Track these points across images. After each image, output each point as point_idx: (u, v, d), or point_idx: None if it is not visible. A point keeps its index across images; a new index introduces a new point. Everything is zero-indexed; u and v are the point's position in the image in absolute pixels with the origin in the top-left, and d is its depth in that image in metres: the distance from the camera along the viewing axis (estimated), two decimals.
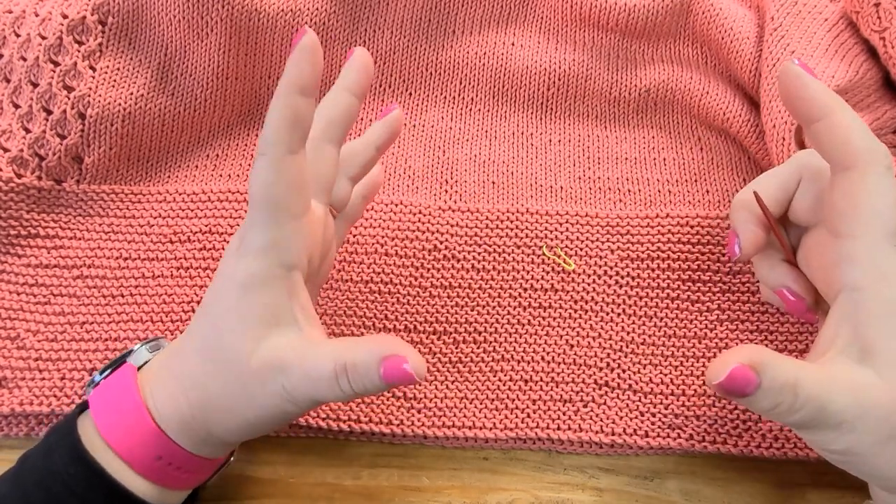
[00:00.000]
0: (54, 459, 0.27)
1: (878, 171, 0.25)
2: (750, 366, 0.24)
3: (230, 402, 0.27)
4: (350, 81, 0.30)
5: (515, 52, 0.44)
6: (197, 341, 0.28)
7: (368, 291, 0.38)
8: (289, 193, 0.26)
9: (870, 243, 0.26)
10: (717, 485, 0.35)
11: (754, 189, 0.31)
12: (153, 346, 0.31)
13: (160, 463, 0.28)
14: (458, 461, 0.36)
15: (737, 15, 0.43)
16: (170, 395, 0.28)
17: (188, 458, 0.28)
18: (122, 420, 0.27)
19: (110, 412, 0.28)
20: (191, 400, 0.27)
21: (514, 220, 0.40)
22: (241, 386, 0.26)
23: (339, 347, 0.26)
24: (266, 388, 0.26)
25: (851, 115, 0.26)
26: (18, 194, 0.38)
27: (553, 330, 0.38)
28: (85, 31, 0.41)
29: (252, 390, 0.26)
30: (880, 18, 0.38)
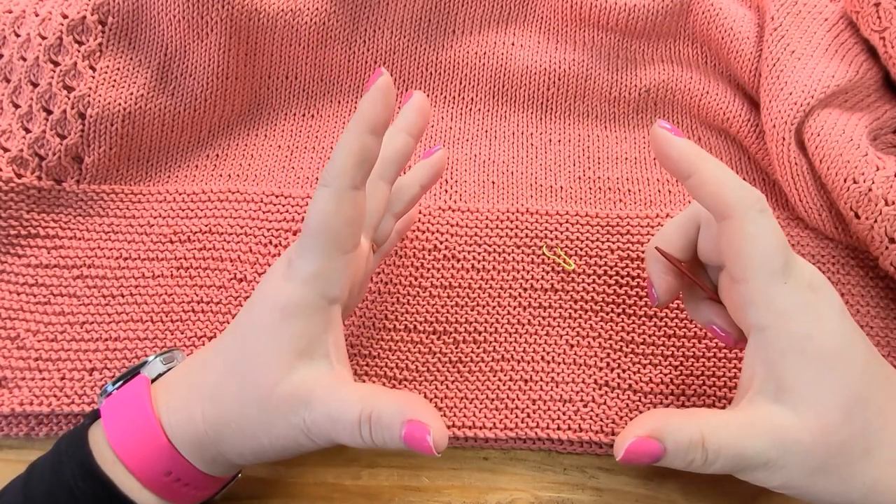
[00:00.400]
0: (64, 471, 0.27)
1: (752, 217, 0.26)
2: (650, 436, 0.26)
3: (247, 424, 0.27)
4: (408, 123, 0.31)
5: (515, 52, 0.44)
6: (225, 357, 0.28)
7: (369, 291, 0.38)
8: (345, 227, 0.27)
9: (761, 285, 0.26)
10: (717, 485, 0.35)
11: (655, 244, 0.32)
12: (167, 359, 0.31)
13: (169, 479, 0.28)
14: (458, 461, 0.36)
15: (737, 15, 0.43)
16: (185, 407, 0.28)
17: (196, 475, 0.28)
18: (134, 433, 0.27)
19: (122, 424, 0.28)
20: (206, 415, 0.27)
21: (514, 220, 0.40)
22: (261, 411, 0.26)
23: (367, 394, 0.26)
24: (287, 419, 0.26)
25: (717, 166, 0.27)
26: (18, 194, 0.38)
27: (553, 330, 0.38)
28: (85, 31, 0.41)
29: (272, 417, 0.26)
30: (880, 18, 0.38)
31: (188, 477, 0.28)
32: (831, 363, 0.25)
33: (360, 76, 0.45)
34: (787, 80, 0.38)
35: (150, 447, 0.27)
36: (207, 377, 0.28)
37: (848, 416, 0.25)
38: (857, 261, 0.39)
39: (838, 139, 0.37)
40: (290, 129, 0.44)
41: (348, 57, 0.44)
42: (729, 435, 0.26)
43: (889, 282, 0.38)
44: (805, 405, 0.26)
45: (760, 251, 0.26)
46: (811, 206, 0.39)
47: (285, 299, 0.26)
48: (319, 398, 0.26)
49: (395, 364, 0.37)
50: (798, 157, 0.38)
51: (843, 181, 0.36)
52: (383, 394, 0.26)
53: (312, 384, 0.26)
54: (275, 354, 0.26)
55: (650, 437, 0.26)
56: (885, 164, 0.36)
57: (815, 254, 0.39)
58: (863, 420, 0.25)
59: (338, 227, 0.26)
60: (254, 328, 0.27)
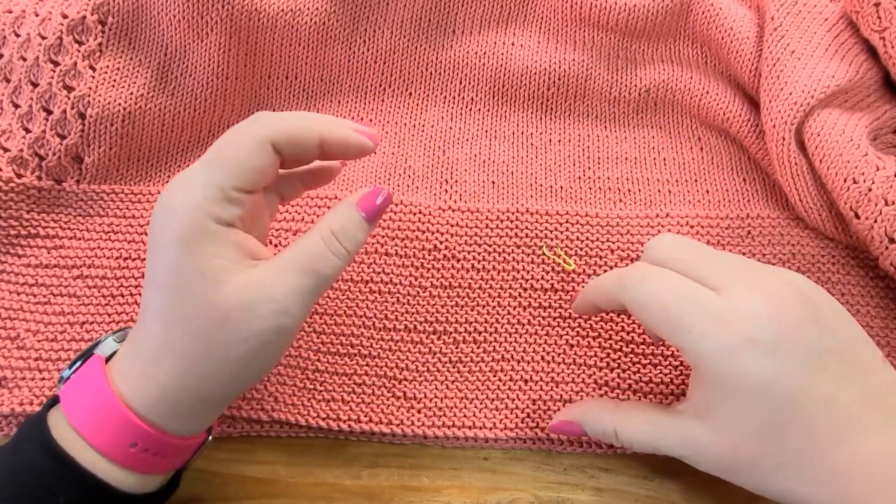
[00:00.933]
0: (25, 454, 0.27)
1: (632, 296, 0.30)
2: (572, 420, 0.33)
3: (211, 349, 0.26)
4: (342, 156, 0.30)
5: (515, 52, 0.44)
6: (152, 310, 0.27)
7: (368, 291, 0.38)
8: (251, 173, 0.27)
9: (671, 340, 0.29)
10: (717, 485, 0.35)
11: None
12: (120, 336, 0.30)
13: (136, 450, 0.27)
14: (458, 461, 0.36)
15: (737, 15, 0.43)
16: (142, 373, 0.27)
17: (164, 442, 0.28)
18: (93, 410, 0.27)
19: (80, 404, 0.27)
20: (168, 370, 0.26)
21: (514, 220, 0.40)
22: (218, 328, 0.26)
23: (314, 228, 0.28)
24: (253, 315, 0.26)
25: (592, 282, 0.33)
26: (18, 194, 0.38)
27: (553, 330, 0.38)
28: (85, 30, 0.41)
29: (235, 326, 0.26)
30: (880, 18, 0.38)
31: (156, 445, 0.27)
32: (746, 396, 0.27)
33: (360, 76, 0.45)
34: (787, 80, 0.38)
35: (111, 421, 0.27)
36: (148, 336, 0.27)
37: (757, 440, 0.27)
38: (857, 261, 0.39)
39: (838, 139, 0.37)
40: None
41: (348, 57, 0.44)
42: (642, 433, 0.30)
43: (889, 282, 0.38)
44: (718, 427, 0.28)
45: (654, 319, 0.29)
46: (811, 206, 0.39)
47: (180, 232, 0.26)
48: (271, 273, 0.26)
49: (395, 364, 0.37)
50: (798, 157, 0.38)
51: (843, 181, 0.36)
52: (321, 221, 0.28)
53: (255, 273, 0.26)
54: (200, 281, 0.26)
55: (573, 422, 0.33)
56: (885, 164, 0.36)
57: (815, 254, 0.39)
58: (774, 444, 0.27)
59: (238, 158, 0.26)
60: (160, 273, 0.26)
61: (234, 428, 0.36)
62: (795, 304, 0.28)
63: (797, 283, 0.29)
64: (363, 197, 0.29)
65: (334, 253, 0.27)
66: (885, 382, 0.28)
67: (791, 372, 0.27)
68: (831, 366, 0.27)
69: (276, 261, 0.27)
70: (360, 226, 0.28)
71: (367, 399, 0.36)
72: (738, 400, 0.27)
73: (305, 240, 0.28)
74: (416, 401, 0.36)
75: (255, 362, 0.27)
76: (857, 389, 0.27)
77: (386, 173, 0.42)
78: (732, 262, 0.30)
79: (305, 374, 0.36)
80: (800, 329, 0.27)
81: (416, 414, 0.36)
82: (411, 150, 0.43)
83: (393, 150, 0.43)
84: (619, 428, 0.31)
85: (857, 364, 0.28)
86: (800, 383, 0.27)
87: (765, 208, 0.41)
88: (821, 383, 0.27)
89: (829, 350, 0.27)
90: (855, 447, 0.26)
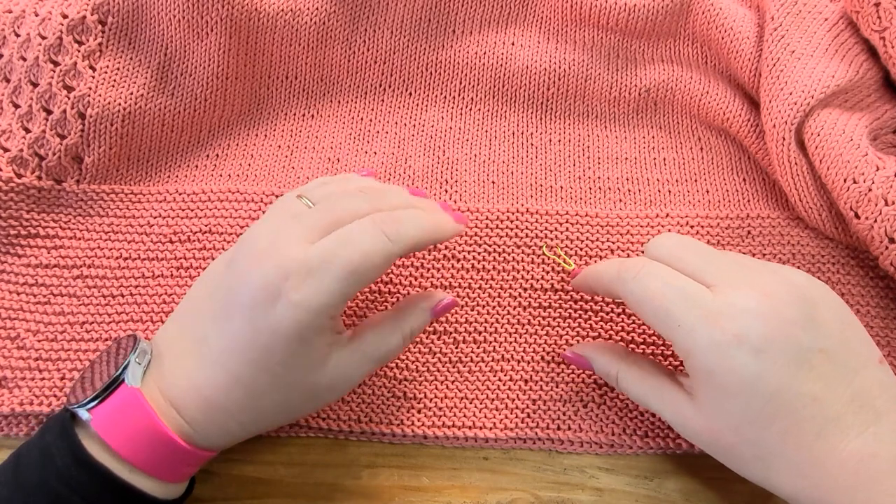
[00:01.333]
0: (55, 462, 0.27)
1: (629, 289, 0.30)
2: (583, 356, 0.35)
3: (288, 411, 0.31)
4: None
5: (515, 52, 0.44)
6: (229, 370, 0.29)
7: (368, 291, 0.38)
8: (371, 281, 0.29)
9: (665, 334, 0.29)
10: (716, 485, 0.35)
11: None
12: (140, 356, 0.30)
13: (186, 469, 0.30)
14: (458, 461, 0.36)
15: (737, 15, 0.43)
16: (215, 423, 0.29)
17: (204, 458, 0.30)
18: (153, 451, 0.28)
19: (127, 437, 0.28)
20: (244, 423, 0.30)
21: (514, 220, 0.40)
22: (304, 401, 0.31)
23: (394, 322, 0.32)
24: (334, 393, 0.31)
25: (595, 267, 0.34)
26: (18, 194, 0.38)
27: (553, 330, 0.38)
28: (85, 30, 0.41)
29: (318, 401, 0.31)
30: (880, 18, 0.38)
31: (196, 461, 0.30)
32: (730, 392, 0.28)
33: (360, 76, 0.45)
34: (787, 80, 0.38)
35: (169, 456, 0.28)
36: (220, 390, 0.29)
37: (739, 433, 0.28)
38: (857, 261, 0.39)
39: (838, 139, 0.37)
40: (290, 129, 0.44)
41: (348, 57, 0.44)
42: (639, 387, 0.32)
43: (889, 282, 0.38)
44: (704, 414, 0.29)
45: (647, 312, 0.30)
46: (811, 206, 0.39)
47: (299, 329, 0.27)
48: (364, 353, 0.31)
49: (395, 364, 0.37)
50: (798, 157, 0.38)
51: (843, 181, 0.36)
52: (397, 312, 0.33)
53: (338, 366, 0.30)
54: (306, 367, 0.29)
55: (584, 356, 0.35)
56: (885, 164, 0.36)
57: (815, 254, 0.39)
58: (753, 437, 0.28)
59: (371, 278, 0.28)
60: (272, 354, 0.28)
61: None
62: (790, 303, 0.28)
63: (797, 281, 0.29)
64: (440, 307, 0.33)
65: (404, 347, 0.32)
66: (877, 383, 0.28)
67: (777, 371, 0.27)
68: (820, 366, 0.27)
69: (363, 349, 0.31)
70: (427, 323, 0.33)
71: (367, 399, 0.36)
72: (722, 394, 0.28)
73: (388, 335, 0.31)
74: (416, 401, 0.36)
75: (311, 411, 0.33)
76: (846, 390, 0.27)
77: (386, 173, 0.42)
78: (732, 260, 0.31)
79: None
80: (790, 328, 0.28)
81: (416, 414, 0.36)
82: (411, 150, 0.43)
83: (393, 150, 0.43)
84: (621, 374, 0.33)
85: (849, 364, 0.28)
86: (785, 382, 0.27)
87: (765, 208, 0.41)
88: (808, 382, 0.27)
89: (820, 350, 0.28)
90: (836, 445, 0.27)
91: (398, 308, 0.33)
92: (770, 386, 0.27)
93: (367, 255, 0.27)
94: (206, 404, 0.28)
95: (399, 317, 0.32)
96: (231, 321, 0.28)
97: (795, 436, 0.27)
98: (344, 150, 0.43)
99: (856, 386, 0.28)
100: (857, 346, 0.29)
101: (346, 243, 0.27)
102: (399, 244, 0.28)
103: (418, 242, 0.29)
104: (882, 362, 0.29)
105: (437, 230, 0.31)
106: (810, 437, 0.27)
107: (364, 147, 0.43)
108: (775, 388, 0.27)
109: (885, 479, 0.26)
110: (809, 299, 0.29)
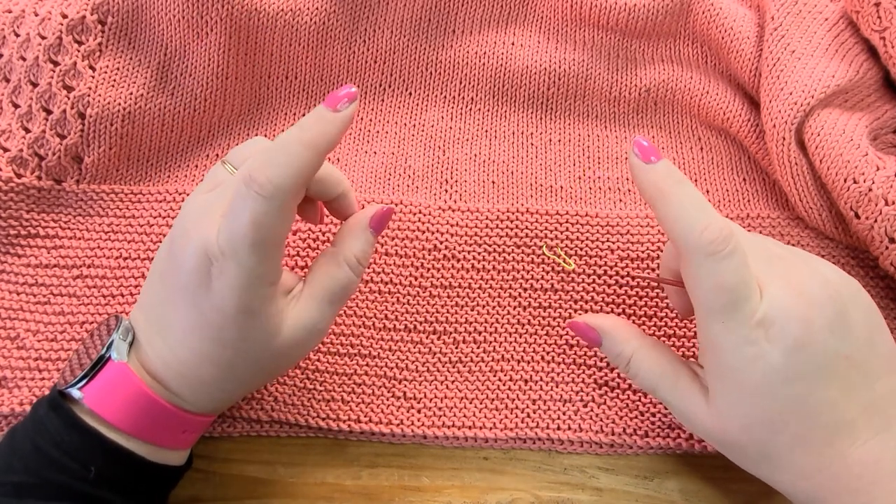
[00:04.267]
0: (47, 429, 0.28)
1: (698, 262, 0.27)
2: (595, 328, 0.32)
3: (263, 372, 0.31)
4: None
5: (515, 52, 0.44)
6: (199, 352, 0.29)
7: (368, 291, 0.38)
8: (284, 233, 0.27)
9: (702, 318, 0.28)
10: (717, 485, 0.35)
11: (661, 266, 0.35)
12: (123, 333, 0.30)
13: (184, 434, 0.30)
14: (458, 461, 0.36)
15: (737, 14, 0.43)
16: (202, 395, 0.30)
17: (203, 423, 0.31)
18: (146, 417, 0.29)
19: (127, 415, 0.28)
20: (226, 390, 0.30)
21: (514, 220, 0.40)
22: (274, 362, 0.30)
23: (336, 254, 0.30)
24: (303, 347, 0.30)
25: (681, 201, 0.28)
26: (18, 194, 0.38)
27: (553, 330, 0.38)
28: (84, 30, 0.41)
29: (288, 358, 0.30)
30: (880, 18, 0.38)
31: (194, 426, 0.31)
32: (750, 391, 0.27)
33: (360, 76, 0.45)
34: (788, 80, 0.38)
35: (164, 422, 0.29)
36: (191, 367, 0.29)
37: (749, 432, 0.28)
38: (857, 261, 0.39)
39: (838, 139, 0.37)
40: None
41: (348, 57, 0.44)
42: (650, 373, 0.30)
43: (889, 282, 0.38)
44: (716, 410, 0.29)
45: (701, 293, 0.28)
46: (811, 206, 0.39)
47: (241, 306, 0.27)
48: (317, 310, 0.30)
49: (395, 364, 0.37)
50: (798, 157, 0.38)
51: (843, 181, 0.36)
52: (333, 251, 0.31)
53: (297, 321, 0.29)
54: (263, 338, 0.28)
55: (594, 329, 0.32)
56: (885, 164, 0.36)
57: (815, 254, 0.39)
58: (763, 438, 0.28)
59: (279, 235, 0.27)
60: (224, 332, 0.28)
61: (234, 428, 0.36)
62: (824, 303, 0.27)
63: (830, 277, 0.28)
64: (376, 220, 0.31)
65: (357, 275, 0.30)
66: (894, 391, 0.28)
67: (802, 376, 0.27)
68: (844, 372, 0.27)
69: (313, 294, 0.30)
70: (372, 244, 0.31)
71: (367, 399, 0.36)
72: (741, 393, 0.28)
73: (333, 269, 0.30)
74: (416, 401, 0.36)
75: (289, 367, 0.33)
76: (862, 395, 0.27)
77: (386, 173, 0.42)
78: (763, 247, 0.29)
79: (305, 374, 0.36)
80: (822, 334, 0.27)
81: (416, 414, 0.36)
82: (411, 150, 0.43)
83: (393, 150, 0.43)
84: (636, 355, 0.31)
85: (872, 371, 0.27)
86: (807, 388, 0.27)
87: (765, 208, 0.41)
88: (829, 389, 0.27)
89: (846, 356, 0.27)
90: (844, 451, 0.27)
91: (335, 240, 0.31)
92: (792, 391, 0.27)
93: (256, 223, 0.26)
94: (184, 380, 0.29)
95: (338, 247, 0.30)
96: (179, 306, 0.28)
97: (805, 441, 0.27)
98: (344, 149, 0.43)
99: (874, 392, 0.27)
100: (883, 351, 0.28)
101: (235, 218, 0.26)
102: (276, 196, 0.26)
103: (295, 177, 0.26)
104: None
105: (309, 148, 0.26)
106: (820, 444, 0.27)
107: (364, 147, 0.43)
108: (797, 393, 0.27)
109: (888, 482, 0.26)
110: (841, 300, 0.28)
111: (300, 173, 0.26)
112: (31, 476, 0.27)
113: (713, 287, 0.27)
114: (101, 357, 0.29)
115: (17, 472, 0.27)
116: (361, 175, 0.42)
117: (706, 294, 0.27)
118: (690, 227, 0.27)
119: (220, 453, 0.35)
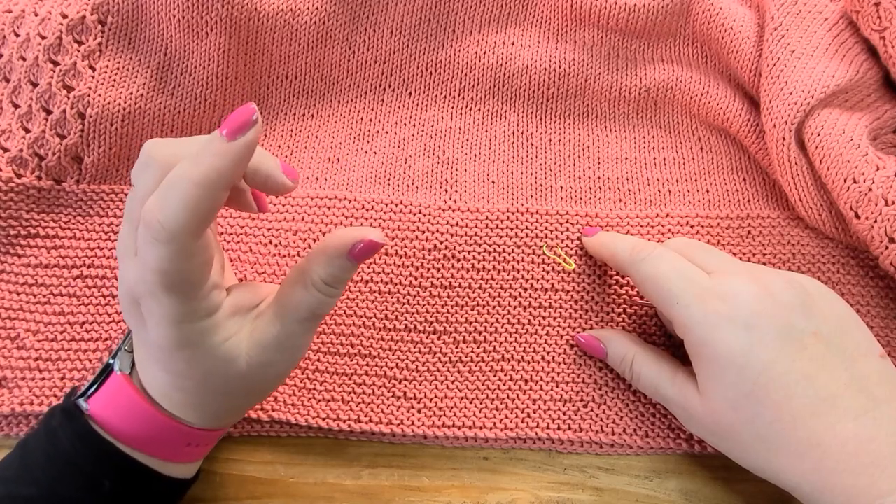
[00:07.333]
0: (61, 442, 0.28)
1: (634, 271, 0.33)
2: (598, 339, 0.36)
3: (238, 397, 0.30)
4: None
5: (515, 52, 0.44)
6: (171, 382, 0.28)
7: (368, 291, 0.38)
8: (199, 270, 0.25)
9: (663, 314, 0.32)
10: (717, 485, 0.35)
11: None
12: (129, 344, 0.30)
13: (189, 448, 0.30)
14: (458, 461, 0.36)
15: (737, 14, 0.43)
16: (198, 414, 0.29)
17: (211, 437, 0.31)
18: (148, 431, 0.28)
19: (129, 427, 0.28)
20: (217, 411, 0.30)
21: (514, 219, 0.40)
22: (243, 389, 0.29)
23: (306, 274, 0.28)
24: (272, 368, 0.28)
25: (611, 242, 0.36)
26: (18, 194, 0.38)
27: (553, 330, 0.38)
28: (85, 30, 0.41)
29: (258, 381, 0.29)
30: (880, 18, 0.38)
31: (199, 439, 0.30)
32: (723, 364, 0.29)
33: (360, 76, 0.45)
34: (787, 80, 0.38)
35: (165, 435, 0.29)
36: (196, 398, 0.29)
37: (734, 408, 0.29)
38: (857, 261, 0.39)
39: (838, 139, 0.37)
40: (290, 129, 0.44)
41: (348, 57, 0.44)
42: (651, 371, 0.34)
43: (889, 282, 0.38)
44: (706, 397, 0.31)
45: (646, 292, 0.32)
46: (811, 206, 0.39)
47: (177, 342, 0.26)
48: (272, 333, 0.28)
49: (395, 364, 0.37)
50: (798, 157, 0.38)
51: (843, 181, 0.36)
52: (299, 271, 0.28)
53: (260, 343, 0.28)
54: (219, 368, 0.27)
55: (599, 340, 0.36)
56: (885, 164, 0.36)
57: (815, 254, 0.39)
58: (751, 413, 0.29)
59: (193, 273, 0.25)
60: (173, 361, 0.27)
61: (234, 428, 0.36)
62: (785, 289, 0.30)
63: (795, 277, 0.31)
64: (360, 250, 0.27)
65: (330, 296, 0.28)
66: (875, 373, 0.29)
67: (766, 344, 0.28)
68: (813, 346, 0.28)
69: (277, 312, 0.28)
70: (349, 269, 0.28)
71: (367, 399, 0.36)
72: (717, 369, 0.30)
73: (299, 290, 0.27)
74: (416, 401, 0.36)
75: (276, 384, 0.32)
76: (842, 374, 0.28)
77: (386, 173, 0.42)
78: (737, 260, 0.33)
79: (305, 374, 0.36)
80: (782, 310, 0.29)
81: (416, 414, 0.36)
82: (411, 150, 0.43)
83: (393, 150, 0.43)
84: (637, 357, 0.34)
85: (846, 351, 0.29)
86: (774, 356, 0.28)
87: (765, 208, 0.41)
88: (799, 360, 0.28)
89: (813, 332, 0.29)
90: (833, 425, 0.27)
91: (309, 254, 0.28)
92: (760, 358, 0.28)
93: (161, 270, 0.24)
94: (168, 401, 0.29)
95: (308, 266, 0.27)
96: (138, 336, 0.28)
97: (788, 412, 0.28)
98: (344, 149, 0.43)
99: (854, 372, 0.28)
100: (856, 336, 0.30)
101: (143, 264, 0.24)
102: (173, 241, 0.23)
103: (189, 220, 0.23)
104: (884, 357, 0.30)
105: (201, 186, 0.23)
106: (805, 415, 0.28)
107: (364, 147, 0.43)
108: (766, 361, 0.28)
109: (887, 463, 0.27)
110: (805, 290, 0.30)
111: (195, 215, 0.23)
112: (42, 490, 0.27)
113: (651, 281, 0.32)
114: (104, 368, 0.29)
115: (29, 485, 0.27)
116: (361, 175, 0.42)
117: (650, 292, 0.32)
118: (622, 250, 0.34)
119: (221, 453, 0.35)
